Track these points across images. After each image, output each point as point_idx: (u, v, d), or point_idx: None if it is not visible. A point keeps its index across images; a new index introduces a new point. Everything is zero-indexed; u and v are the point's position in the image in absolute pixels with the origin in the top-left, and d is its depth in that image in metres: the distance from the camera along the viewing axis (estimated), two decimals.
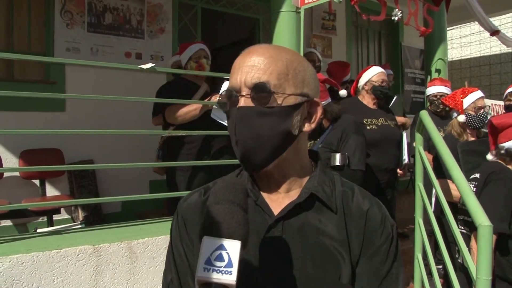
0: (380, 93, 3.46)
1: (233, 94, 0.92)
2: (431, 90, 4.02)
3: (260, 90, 0.88)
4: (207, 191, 1.02)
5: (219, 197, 0.77)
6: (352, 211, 0.95)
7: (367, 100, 3.53)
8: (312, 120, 0.96)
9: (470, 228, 2.39)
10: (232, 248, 0.70)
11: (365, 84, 3.53)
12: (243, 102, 0.90)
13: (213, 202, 0.77)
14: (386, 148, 3.39)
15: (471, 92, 3.09)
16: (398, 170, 3.48)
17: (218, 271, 0.68)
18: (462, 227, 2.55)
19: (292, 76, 0.91)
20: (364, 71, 3.60)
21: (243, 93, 0.90)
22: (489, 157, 2.48)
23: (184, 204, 1.03)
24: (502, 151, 2.35)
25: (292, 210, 0.92)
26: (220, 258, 0.69)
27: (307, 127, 0.95)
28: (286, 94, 0.90)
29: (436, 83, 4.04)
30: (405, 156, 3.46)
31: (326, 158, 2.76)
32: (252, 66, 0.90)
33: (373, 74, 3.50)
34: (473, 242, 2.19)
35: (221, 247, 0.70)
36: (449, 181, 2.74)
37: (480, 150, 2.68)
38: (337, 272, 0.89)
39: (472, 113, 3.01)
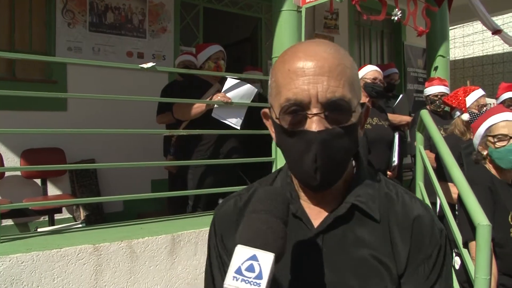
0: (372, 90, 3.40)
1: (299, 110, 0.78)
2: (431, 90, 3.99)
3: (339, 109, 0.77)
4: (242, 198, 0.97)
5: (259, 207, 0.74)
6: (398, 218, 0.87)
7: (362, 98, 3.50)
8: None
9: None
10: (265, 260, 0.68)
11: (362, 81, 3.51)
12: (318, 121, 0.77)
13: (251, 210, 0.74)
14: (379, 148, 3.34)
15: (473, 91, 3.09)
16: (388, 172, 3.44)
17: (246, 281, 0.66)
18: None
19: (356, 85, 0.82)
20: (359, 69, 3.58)
21: (315, 110, 0.77)
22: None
23: (219, 213, 0.98)
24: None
25: (332, 223, 0.86)
26: (251, 268, 0.67)
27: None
28: (356, 108, 0.80)
29: (435, 82, 4.02)
30: (395, 158, 3.40)
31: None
32: (321, 76, 0.76)
33: (366, 71, 3.47)
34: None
35: (254, 257, 0.68)
36: (450, 184, 2.73)
37: None
38: (381, 285, 0.83)
39: (476, 111, 3.01)
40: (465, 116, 3.04)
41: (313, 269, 0.84)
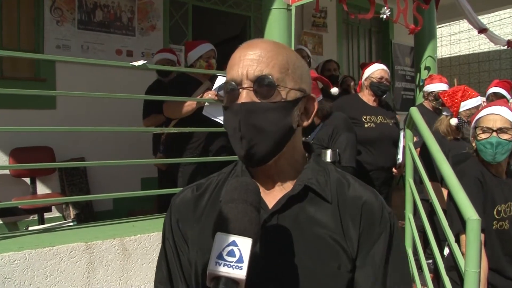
0: (377, 89, 3.47)
1: (233, 87, 0.90)
2: (436, 87, 3.92)
3: (263, 83, 0.88)
4: (200, 187, 1.03)
5: (233, 196, 0.78)
6: (348, 200, 0.94)
7: (367, 97, 3.54)
8: (309, 116, 0.97)
9: None
10: (244, 244, 0.73)
11: (365, 80, 3.55)
12: (245, 94, 0.88)
13: (227, 200, 0.79)
14: (382, 146, 3.40)
15: (472, 97, 3.01)
16: (394, 169, 3.48)
17: (229, 266, 0.71)
18: None
19: (292, 71, 0.91)
20: (366, 68, 3.62)
21: (245, 85, 0.89)
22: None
23: (177, 200, 1.04)
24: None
25: (286, 203, 0.92)
26: (231, 253, 0.72)
27: (304, 122, 0.96)
28: (288, 88, 0.90)
29: (438, 80, 3.98)
30: (400, 156, 3.44)
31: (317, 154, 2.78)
32: (253, 60, 0.89)
33: (373, 70, 3.51)
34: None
35: (233, 243, 0.73)
36: (443, 189, 2.75)
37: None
38: (335, 262, 0.89)
39: (465, 119, 2.97)
40: (454, 121, 2.99)
41: (269, 249, 0.89)
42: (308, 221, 0.92)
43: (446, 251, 2.30)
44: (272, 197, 0.94)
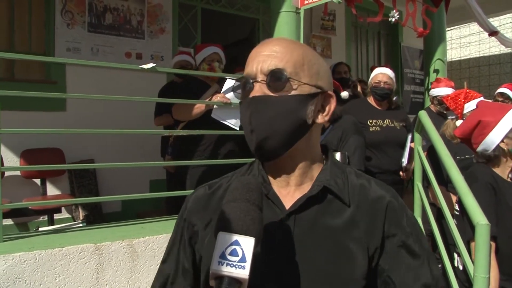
0: (375, 93, 3.50)
1: (248, 81, 0.91)
2: (439, 91, 3.92)
3: (276, 76, 0.88)
4: (212, 186, 1.04)
5: (235, 196, 0.78)
6: (370, 204, 0.93)
7: (374, 101, 3.57)
8: (326, 113, 0.96)
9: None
10: (246, 244, 0.73)
11: (369, 84, 3.60)
12: (258, 87, 0.90)
13: (230, 200, 0.79)
14: (387, 150, 3.39)
15: (475, 98, 2.99)
16: (401, 173, 3.46)
17: (231, 265, 0.71)
18: None
19: (307, 67, 0.92)
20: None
21: (259, 79, 0.90)
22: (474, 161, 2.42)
23: (191, 196, 1.05)
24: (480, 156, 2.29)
25: (304, 204, 0.91)
26: (234, 253, 0.72)
27: (320, 119, 0.95)
28: (301, 82, 0.90)
29: (444, 84, 3.95)
30: (404, 159, 3.41)
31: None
32: (268, 55, 0.90)
33: (374, 74, 3.55)
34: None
35: (236, 242, 0.73)
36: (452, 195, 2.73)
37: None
38: (351, 266, 0.88)
39: None
40: (459, 123, 2.97)
41: (285, 250, 0.88)
42: (326, 224, 0.90)
43: (460, 262, 2.24)
44: (289, 197, 0.93)
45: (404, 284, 0.90)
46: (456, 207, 2.27)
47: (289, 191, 0.95)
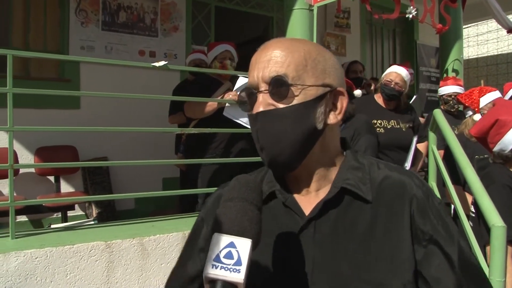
0: (383, 92, 3.39)
1: (252, 92, 0.88)
2: (445, 89, 3.90)
3: (278, 84, 0.84)
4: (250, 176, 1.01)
5: (233, 195, 0.75)
6: (393, 196, 0.87)
7: (381, 99, 3.48)
8: (338, 111, 0.90)
9: None
10: (242, 246, 0.69)
11: (380, 81, 3.49)
12: (261, 98, 0.85)
13: (226, 199, 0.75)
14: (390, 153, 3.30)
15: (489, 92, 2.99)
16: None
17: (226, 269, 0.67)
18: None
19: (311, 67, 0.86)
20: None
21: (261, 89, 0.86)
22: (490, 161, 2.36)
23: (212, 196, 1.04)
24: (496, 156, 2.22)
25: (323, 208, 0.86)
26: (229, 255, 0.68)
27: (333, 119, 0.89)
28: (306, 86, 0.85)
29: (450, 82, 3.94)
30: (407, 163, 3.32)
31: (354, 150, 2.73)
32: (268, 61, 0.86)
33: (386, 72, 3.46)
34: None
35: (231, 244, 0.69)
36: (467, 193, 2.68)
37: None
38: (376, 272, 0.82)
39: None
40: (477, 117, 2.95)
41: (306, 257, 0.84)
42: (347, 226, 0.86)
43: None
44: (309, 203, 0.89)
45: (436, 280, 0.83)
46: (472, 209, 2.22)
47: (308, 197, 0.90)
